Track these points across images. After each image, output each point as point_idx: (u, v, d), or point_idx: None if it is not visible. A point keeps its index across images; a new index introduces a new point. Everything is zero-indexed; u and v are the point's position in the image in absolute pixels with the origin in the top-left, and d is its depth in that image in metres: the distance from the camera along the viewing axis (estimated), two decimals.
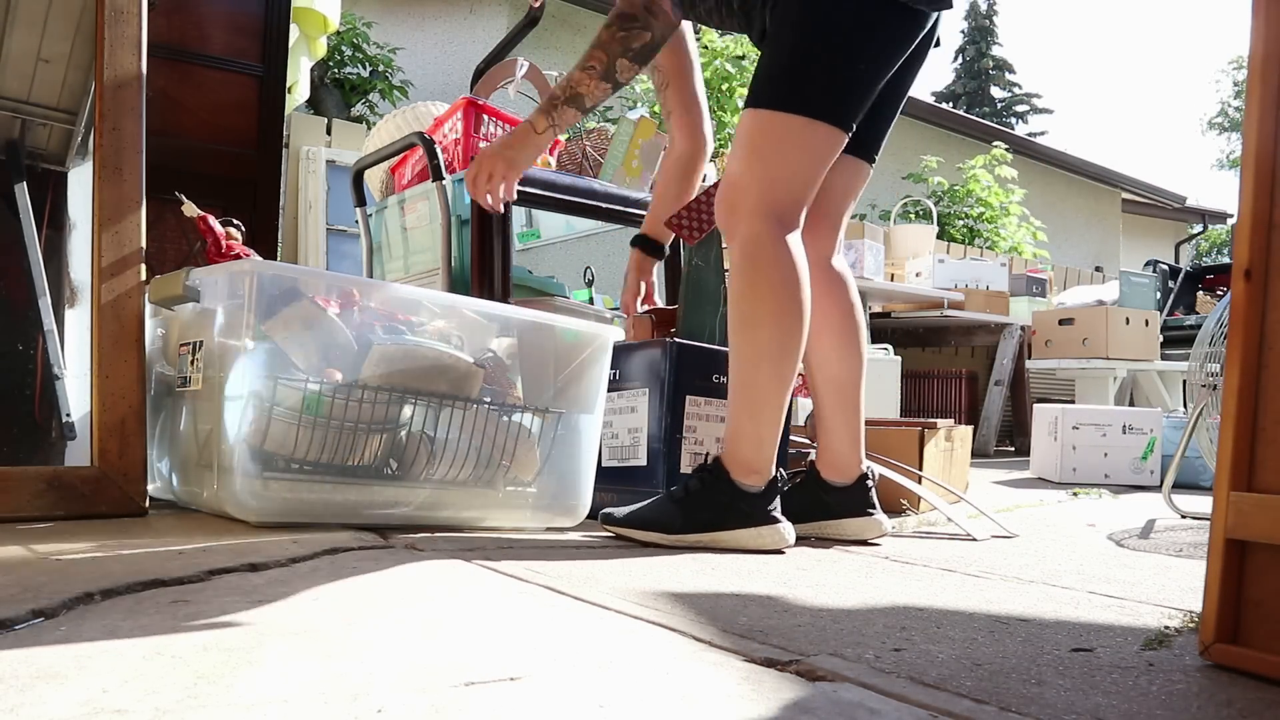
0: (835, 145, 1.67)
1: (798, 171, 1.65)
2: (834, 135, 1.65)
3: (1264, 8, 0.97)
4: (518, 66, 3.25)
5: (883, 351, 4.68)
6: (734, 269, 1.66)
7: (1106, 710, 0.81)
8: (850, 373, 1.87)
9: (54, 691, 0.73)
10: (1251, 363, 0.96)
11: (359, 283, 1.87)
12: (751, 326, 1.63)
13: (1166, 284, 6.51)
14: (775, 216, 1.64)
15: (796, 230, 1.67)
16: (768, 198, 1.64)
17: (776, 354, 1.63)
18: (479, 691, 0.78)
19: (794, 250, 1.65)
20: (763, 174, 1.64)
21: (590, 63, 1.73)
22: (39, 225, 1.88)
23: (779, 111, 1.63)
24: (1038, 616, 1.20)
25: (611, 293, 4.77)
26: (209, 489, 1.63)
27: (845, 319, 1.87)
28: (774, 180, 1.64)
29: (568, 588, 1.23)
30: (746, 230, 1.63)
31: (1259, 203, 0.96)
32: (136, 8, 1.83)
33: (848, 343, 1.86)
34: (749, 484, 1.65)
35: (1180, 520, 2.38)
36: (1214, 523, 0.97)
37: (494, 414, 1.80)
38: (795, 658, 0.93)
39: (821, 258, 1.85)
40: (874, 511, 1.85)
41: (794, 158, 1.64)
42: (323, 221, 4.94)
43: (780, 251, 1.63)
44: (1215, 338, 2.50)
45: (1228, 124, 26.33)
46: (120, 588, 1.07)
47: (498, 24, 6.95)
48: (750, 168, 1.65)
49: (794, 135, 1.63)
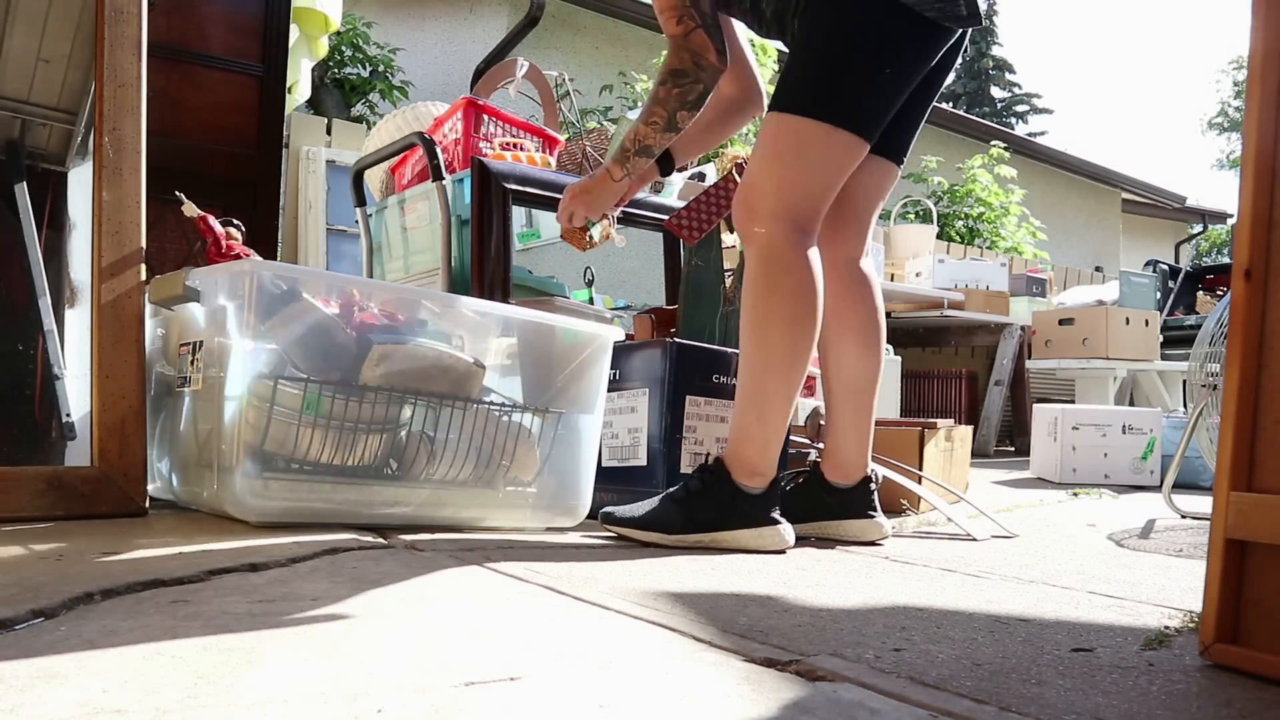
0: (856, 154, 1.69)
1: (817, 177, 1.67)
2: (855, 144, 1.67)
3: (1264, 8, 0.97)
4: (518, 66, 3.25)
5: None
6: (749, 273, 1.67)
7: (1106, 710, 0.81)
8: (867, 376, 1.87)
9: (54, 691, 0.73)
10: (1251, 363, 0.96)
11: (359, 282, 1.87)
12: (764, 331, 1.65)
13: (1166, 284, 6.51)
14: (793, 222, 1.65)
15: (813, 236, 1.68)
16: (786, 202, 1.65)
17: (787, 360, 1.64)
18: (479, 691, 0.78)
19: (810, 257, 1.66)
20: (783, 177, 1.66)
21: (653, 119, 1.80)
22: (39, 225, 1.88)
23: (803, 117, 1.65)
24: (1038, 616, 1.20)
25: (611, 293, 4.77)
26: (209, 489, 1.63)
27: (868, 321, 1.88)
28: (793, 184, 1.66)
29: (568, 588, 1.23)
30: (764, 235, 1.65)
31: (1259, 203, 0.96)
32: (136, 8, 1.83)
33: (868, 345, 1.87)
34: (751, 485, 1.66)
35: (1180, 520, 2.38)
36: (1214, 523, 0.97)
37: (494, 414, 1.80)
38: (795, 658, 0.93)
39: (849, 259, 1.87)
40: (875, 513, 1.85)
41: (815, 163, 1.66)
42: (323, 221, 4.95)
43: (797, 258, 1.64)
44: (1215, 338, 2.50)
45: (1227, 124, 26.33)
46: (120, 588, 1.07)
47: (498, 24, 6.95)
48: (770, 170, 1.67)
49: (817, 141, 1.65)
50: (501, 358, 1.93)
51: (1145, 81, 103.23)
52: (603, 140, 2.90)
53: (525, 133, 2.77)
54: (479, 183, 2.41)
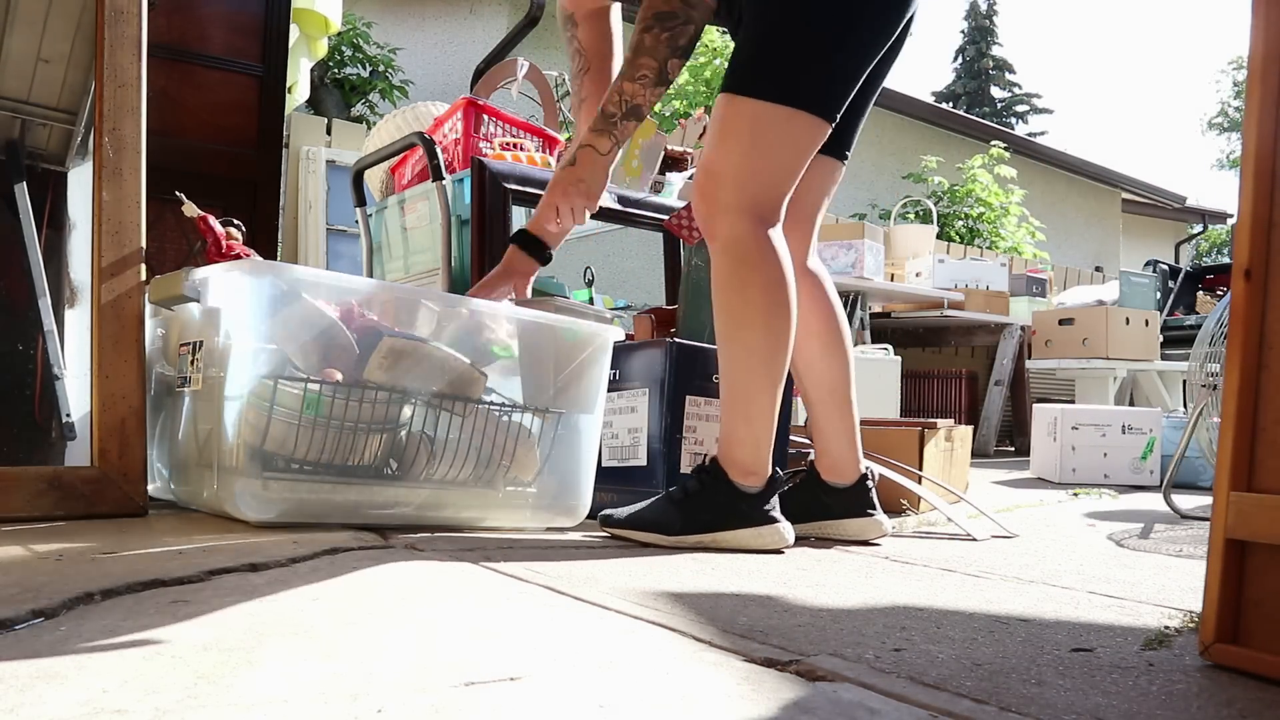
0: (818, 137, 1.62)
1: (780, 164, 1.60)
2: (817, 126, 1.60)
3: (1264, 8, 0.97)
4: (518, 67, 3.25)
5: (883, 351, 4.68)
6: (716, 268, 1.62)
7: (1106, 710, 0.81)
8: (838, 374, 1.84)
9: (54, 691, 0.73)
10: (1251, 363, 0.96)
11: (359, 283, 1.87)
12: (738, 328, 1.61)
13: (1166, 284, 6.51)
14: (755, 212, 1.59)
15: (778, 225, 1.63)
16: (748, 190, 1.59)
17: (766, 355, 1.61)
18: (479, 691, 0.78)
19: (778, 246, 1.61)
20: (741, 165, 1.59)
21: (641, 72, 1.66)
22: (39, 225, 1.88)
23: (761, 100, 1.57)
24: (1038, 616, 1.20)
25: (611, 293, 4.77)
26: (209, 489, 1.63)
27: (827, 320, 1.84)
28: (754, 172, 1.59)
29: (568, 588, 1.23)
30: (728, 229, 1.59)
31: (1259, 203, 0.96)
32: (136, 8, 1.83)
33: (832, 344, 1.84)
34: (748, 485, 1.64)
35: (1180, 520, 2.38)
36: (1214, 523, 0.97)
37: (494, 414, 1.80)
38: (795, 658, 0.93)
39: (798, 260, 1.79)
40: (874, 512, 1.84)
41: (776, 149, 1.59)
42: (323, 221, 4.95)
43: (764, 249, 1.59)
44: (1215, 338, 2.51)
45: (1227, 124, 26.34)
46: (120, 588, 1.07)
47: (498, 24, 6.95)
48: (728, 157, 1.59)
49: (777, 126, 1.58)
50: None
51: (1145, 81, 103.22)
52: None
53: (525, 133, 2.77)
54: (479, 183, 2.41)
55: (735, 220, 1.59)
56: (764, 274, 1.59)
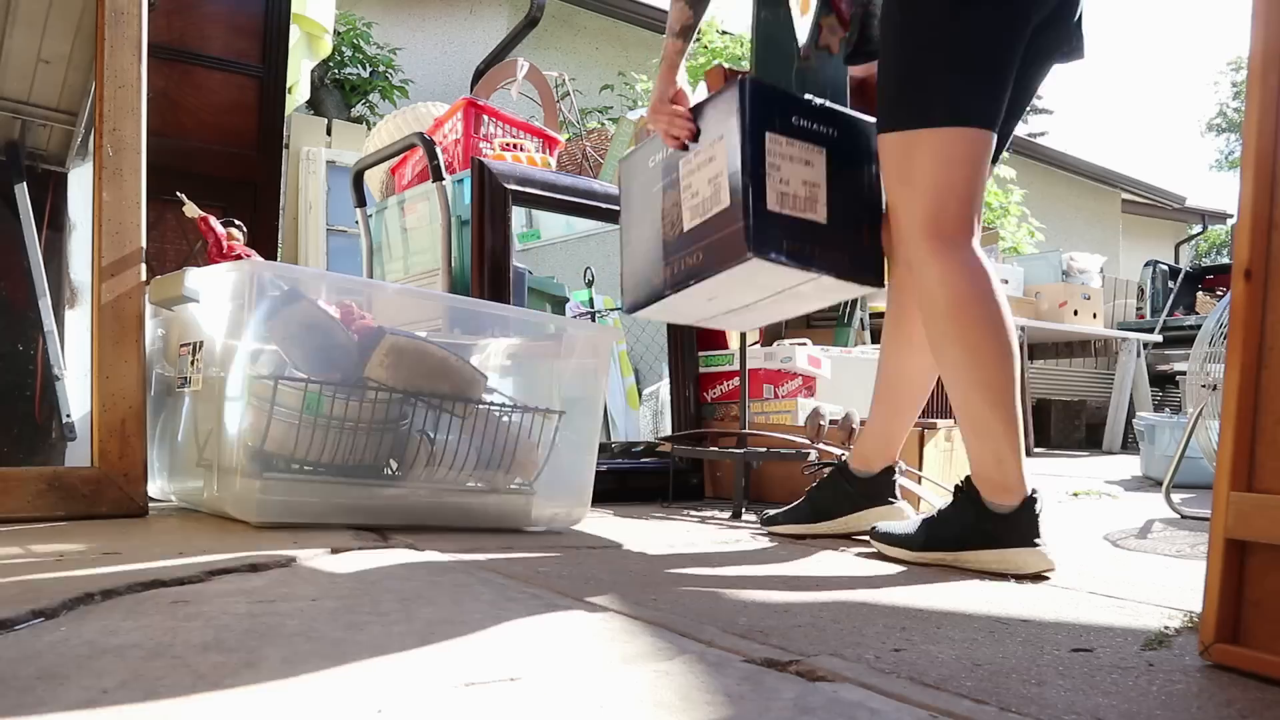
0: (974, 144, 1.60)
1: (944, 183, 1.59)
2: (968, 135, 1.59)
3: (1264, 8, 0.97)
4: (518, 67, 3.25)
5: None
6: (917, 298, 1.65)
7: (1106, 710, 0.81)
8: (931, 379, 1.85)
9: (54, 691, 0.73)
10: (1251, 363, 0.96)
11: (359, 283, 1.87)
12: (940, 352, 1.62)
13: (1166, 284, 6.51)
14: (935, 234, 1.59)
15: (967, 240, 1.60)
16: (921, 217, 1.59)
17: (974, 369, 1.58)
18: (479, 691, 0.78)
19: (963, 263, 1.59)
20: (909, 196, 1.61)
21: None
22: (39, 225, 1.88)
23: (902, 131, 1.60)
24: (1038, 616, 1.20)
25: (612, 293, 4.76)
26: (209, 489, 1.63)
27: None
28: (925, 200, 1.59)
29: (568, 588, 1.23)
30: (911, 256, 1.62)
31: (1259, 203, 0.96)
32: (136, 8, 1.83)
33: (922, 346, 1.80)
34: (999, 504, 1.57)
35: (1180, 520, 2.37)
36: (1214, 523, 0.97)
37: (495, 414, 1.80)
38: (795, 658, 0.93)
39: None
40: (895, 500, 1.87)
41: (934, 171, 1.59)
42: (323, 222, 4.95)
43: (947, 269, 1.58)
44: (1215, 338, 2.50)
45: (1226, 125, 26.32)
46: (120, 588, 1.07)
47: (498, 24, 6.95)
48: (895, 194, 1.64)
49: (926, 150, 1.58)
50: (501, 358, 1.93)
51: (1145, 82, 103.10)
52: (603, 140, 2.90)
53: (525, 133, 2.77)
54: (479, 183, 2.40)
55: (914, 246, 1.61)
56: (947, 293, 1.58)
